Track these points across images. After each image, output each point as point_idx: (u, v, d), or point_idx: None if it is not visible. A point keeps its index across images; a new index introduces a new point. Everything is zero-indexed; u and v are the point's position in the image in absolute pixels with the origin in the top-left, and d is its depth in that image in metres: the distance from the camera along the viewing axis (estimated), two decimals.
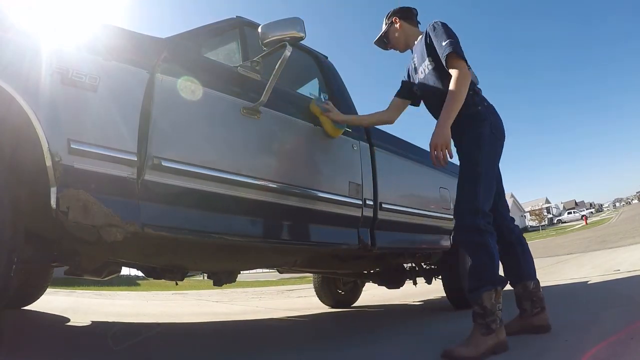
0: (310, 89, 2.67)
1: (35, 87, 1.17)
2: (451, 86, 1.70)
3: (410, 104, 2.14)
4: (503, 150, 1.90)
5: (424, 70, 1.92)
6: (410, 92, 2.09)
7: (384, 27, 2.10)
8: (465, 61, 1.73)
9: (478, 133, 1.76)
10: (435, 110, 1.88)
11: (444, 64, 1.74)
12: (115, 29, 1.45)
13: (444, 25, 1.82)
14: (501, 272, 1.72)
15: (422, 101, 2.09)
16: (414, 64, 2.00)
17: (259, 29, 1.61)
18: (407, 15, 2.07)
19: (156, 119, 1.43)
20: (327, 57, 2.62)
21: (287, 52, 1.59)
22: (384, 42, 2.12)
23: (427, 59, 1.87)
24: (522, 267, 1.89)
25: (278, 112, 1.88)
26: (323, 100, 2.22)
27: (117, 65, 1.36)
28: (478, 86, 1.89)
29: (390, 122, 2.18)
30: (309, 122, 2.04)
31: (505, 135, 1.88)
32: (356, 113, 2.40)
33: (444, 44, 1.75)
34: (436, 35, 1.80)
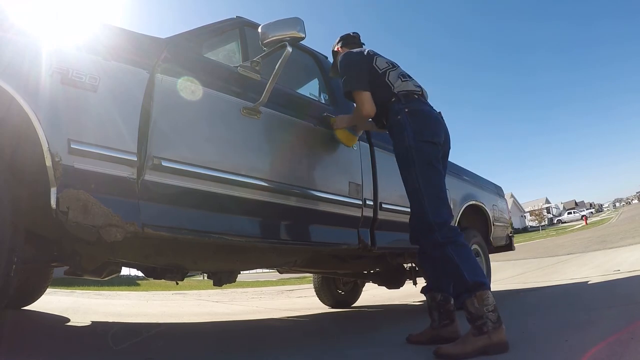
0: (310, 89, 2.67)
1: (35, 87, 1.17)
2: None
3: None
4: (450, 148, 1.95)
5: None
6: None
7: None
8: (358, 91, 1.87)
9: (403, 148, 1.78)
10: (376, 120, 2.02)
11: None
12: (115, 29, 1.45)
13: (342, 61, 1.98)
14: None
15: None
16: None
17: (259, 29, 1.61)
18: (347, 41, 2.19)
19: (156, 119, 1.43)
20: (327, 57, 2.62)
21: (287, 52, 1.59)
22: (337, 71, 2.18)
23: None
24: (431, 276, 1.91)
25: (278, 112, 1.88)
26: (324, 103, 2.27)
27: (117, 65, 1.36)
28: (402, 90, 1.86)
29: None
30: (309, 122, 2.04)
31: (442, 132, 1.84)
32: None
33: (341, 83, 1.98)
34: (340, 73, 2.00)
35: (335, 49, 2.21)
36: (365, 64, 1.93)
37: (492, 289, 1.63)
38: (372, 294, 4.94)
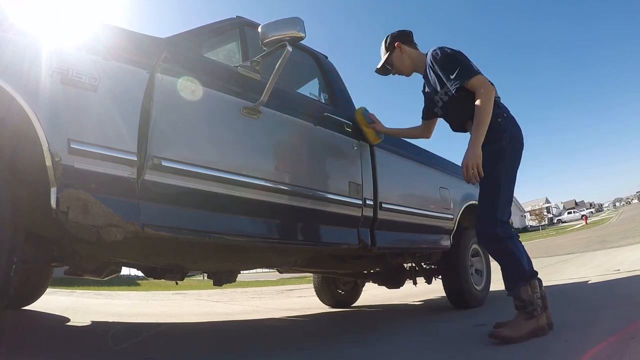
0: (310, 89, 2.67)
1: (35, 87, 1.17)
2: (478, 105, 1.78)
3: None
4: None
5: (441, 99, 1.99)
6: (433, 114, 2.19)
7: (383, 54, 2.16)
8: (479, 74, 1.82)
9: (499, 146, 1.83)
10: (456, 125, 2.02)
11: (458, 90, 1.84)
12: (115, 29, 1.45)
13: (445, 54, 1.89)
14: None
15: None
16: (429, 90, 2.06)
17: (259, 29, 1.61)
18: (407, 39, 2.14)
19: (156, 119, 1.43)
20: (327, 57, 2.62)
21: (287, 52, 1.59)
22: (388, 69, 2.16)
23: (440, 90, 1.96)
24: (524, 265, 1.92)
25: (278, 112, 1.88)
26: (365, 111, 2.34)
27: (117, 65, 1.36)
28: (497, 95, 1.91)
29: (427, 137, 2.36)
30: (309, 122, 2.04)
31: (524, 144, 1.93)
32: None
33: (452, 77, 1.83)
34: (441, 68, 1.89)
35: (395, 45, 2.11)
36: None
37: (492, 289, 1.64)
38: (372, 294, 4.94)
